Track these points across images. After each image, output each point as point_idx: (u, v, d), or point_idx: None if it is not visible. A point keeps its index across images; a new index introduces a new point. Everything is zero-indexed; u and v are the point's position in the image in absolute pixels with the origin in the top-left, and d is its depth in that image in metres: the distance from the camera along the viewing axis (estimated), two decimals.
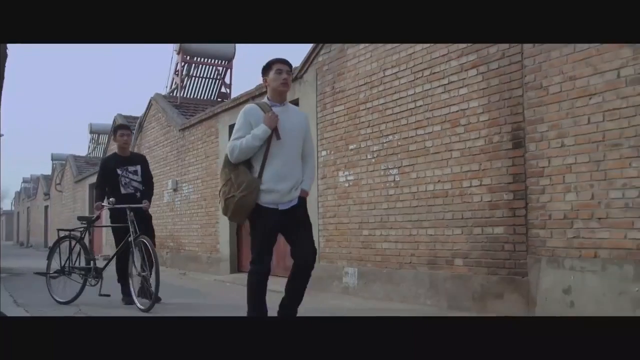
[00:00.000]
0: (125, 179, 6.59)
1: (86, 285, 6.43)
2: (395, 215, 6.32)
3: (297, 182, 4.09)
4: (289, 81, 4.09)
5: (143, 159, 6.95)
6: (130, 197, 6.50)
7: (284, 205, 4.00)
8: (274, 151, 3.98)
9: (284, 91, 4.11)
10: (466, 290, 5.47)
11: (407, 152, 6.19)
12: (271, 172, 3.98)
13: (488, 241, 5.28)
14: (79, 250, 6.62)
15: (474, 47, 5.46)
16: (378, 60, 6.65)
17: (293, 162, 4.08)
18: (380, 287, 6.50)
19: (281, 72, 4.04)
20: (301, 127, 4.16)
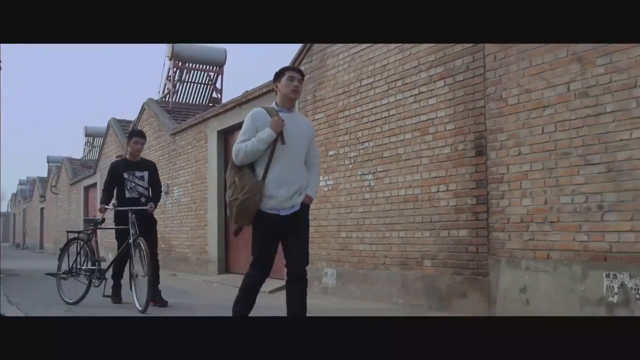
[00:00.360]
0: (131, 183, 6.68)
1: (91, 287, 6.53)
2: (371, 218, 6.64)
3: (300, 188, 4.08)
4: (299, 89, 4.11)
5: (152, 166, 7.02)
6: (134, 202, 6.60)
7: (285, 211, 3.99)
8: (277, 156, 3.97)
9: (294, 98, 4.11)
10: (434, 289, 5.79)
11: (381, 158, 6.51)
12: (274, 176, 3.97)
13: (453, 243, 5.60)
14: (86, 251, 6.74)
15: (442, 59, 5.78)
16: (355, 71, 6.97)
17: (296, 168, 4.07)
18: (356, 287, 6.81)
19: (293, 79, 4.05)
20: (306, 134, 4.16)
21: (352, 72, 7.03)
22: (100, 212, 6.63)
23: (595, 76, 4.44)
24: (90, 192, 19.92)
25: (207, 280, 9.94)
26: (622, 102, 4.26)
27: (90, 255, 6.73)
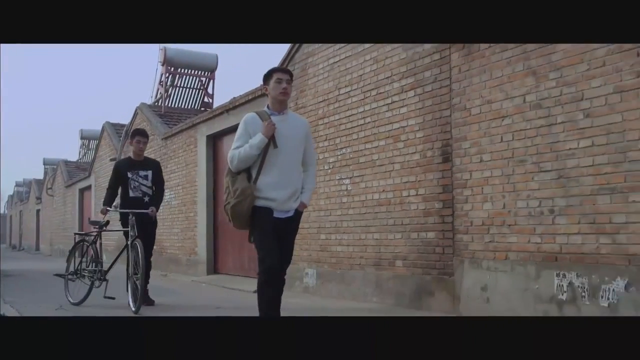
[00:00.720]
0: (134, 182, 6.72)
1: (93, 287, 6.63)
2: (348, 221, 6.96)
3: (296, 191, 4.08)
4: (288, 90, 4.08)
5: (156, 165, 7.04)
6: (138, 201, 6.66)
7: (278, 214, 4.00)
8: (272, 159, 3.97)
9: (284, 100, 4.09)
10: (405, 288, 6.11)
11: (358, 164, 6.83)
12: (268, 180, 3.97)
13: (422, 245, 5.92)
14: (91, 253, 6.82)
15: (412, 70, 6.11)
16: (334, 80, 7.29)
17: (291, 171, 4.06)
18: (334, 286, 7.13)
19: (281, 81, 4.03)
20: (301, 135, 4.13)
21: (331, 81, 7.35)
22: (101, 214, 6.70)
23: (547, 89, 4.77)
24: (86, 194, 20.19)
25: (195, 281, 10.24)
26: (571, 113, 4.59)
27: (94, 256, 6.79)
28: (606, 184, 4.32)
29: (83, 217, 20.32)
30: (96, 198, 17.81)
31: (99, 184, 17.70)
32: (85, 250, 6.91)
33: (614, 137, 4.29)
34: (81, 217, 20.46)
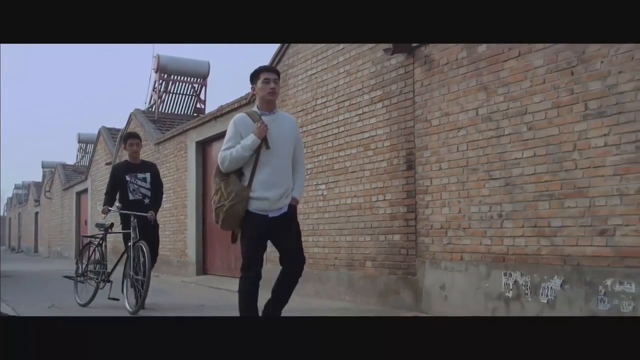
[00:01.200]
0: (133, 185, 6.75)
1: (98, 289, 6.76)
2: (323, 224, 7.38)
3: (288, 190, 4.11)
4: (276, 90, 4.08)
5: (154, 167, 7.11)
6: (138, 203, 6.70)
7: (273, 213, 4.03)
8: (264, 159, 3.99)
9: (272, 100, 4.10)
10: (374, 287, 6.53)
11: (333, 170, 7.25)
12: (261, 180, 3.99)
13: (389, 247, 6.34)
14: (97, 255, 6.96)
15: (381, 83, 6.53)
16: (312, 91, 7.72)
17: (283, 170, 4.09)
18: (312, 286, 7.54)
19: (269, 81, 4.03)
20: (291, 135, 4.18)
21: (309, 92, 7.78)
22: (102, 213, 6.83)
23: (496, 103, 5.19)
24: (82, 197, 20.61)
25: (185, 281, 10.66)
26: (516, 126, 5.01)
27: (100, 258, 6.93)
28: (545, 191, 4.75)
29: (80, 219, 20.74)
30: (92, 201, 18.23)
31: (95, 187, 18.12)
32: (92, 252, 7.04)
33: (552, 149, 4.71)
34: (78, 220, 20.88)
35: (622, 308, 4.16)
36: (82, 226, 20.19)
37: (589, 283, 4.39)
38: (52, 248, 24.70)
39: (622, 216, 4.21)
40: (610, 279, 4.25)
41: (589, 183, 4.43)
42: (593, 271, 4.37)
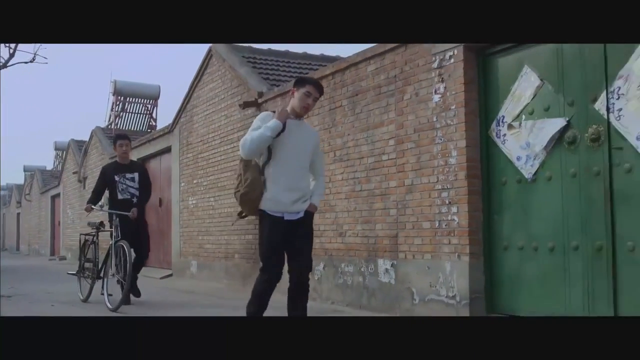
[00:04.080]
0: (122, 185, 6.92)
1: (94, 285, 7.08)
2: (212, 227, 10.01)
3: (304, 195, 4.10)
4: (310, 107, 4.14)
5: (142, 168, 7.33)
6: (127, 203, 6.86)
7: (289, 216, 4.02)
8: (282, 162, 4.00)
9: (301, 114, 4.15)
10: (239, 272, 9.16)
11: (218, 187, 9.88)
12: (276, 181, 3.99)
13: (247, 243, 8.97)
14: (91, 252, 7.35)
15: (243, 125, 9.13)
16: (206, 127, 10.34)
17: (299, 175, 4.08)
18: (207, 273, 10.18)
19: (309, 95, 4.06)
20: (311, 143, 4.19)
21: (204, 127, 10.41)
22: (85, 211, 7.14)
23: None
24: (56, 201, 23.13)
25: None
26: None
27: (92, 256, 7.20)
28: None
29: (54, 221, 23.27)
30: (64, 205, 20.76)
31: (65, 193, 20.66)
32: (87, 250, 7.39)
33: None
34: (53, 221, 23.40)
35: (347, 281, 6.80)
36: (56, 227, 22.72)
37: (335, 266, 7.03)
38: (32, 246, 27.27)
39: (349, 224, 6.85)
40: (343, 263, 6.90)
41: (335, 203, 7.07)
42: (336, 258, 7.01)
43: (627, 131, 4.26)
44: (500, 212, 5.22)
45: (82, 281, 7.40)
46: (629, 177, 4.26)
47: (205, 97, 10.41)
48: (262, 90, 8.69)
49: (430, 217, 5.58)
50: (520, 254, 5.02)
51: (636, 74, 4.22)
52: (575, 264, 4.58)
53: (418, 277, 5.69)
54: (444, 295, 5.39)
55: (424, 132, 5.68)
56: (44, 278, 11.69)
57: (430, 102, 5.61)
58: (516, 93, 5.08)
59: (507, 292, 5.15)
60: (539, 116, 4.88)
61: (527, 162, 4.96)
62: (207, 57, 10.36)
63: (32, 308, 6.72)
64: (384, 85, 6.21)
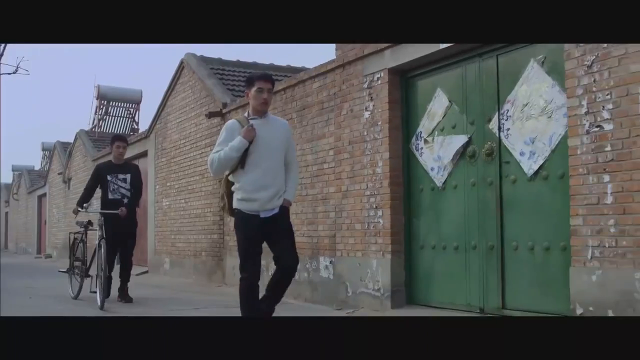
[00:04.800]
0: (113, 185, 7.00)
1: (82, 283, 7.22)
2: (183, 227, 10.72)
3: (279, 191, 4.13)
4: (268, 100, 4.16)
5: (135, 168, 7.31)
6: (118, 203, 6.94)
7: (265, 213, 4.07)
8: (254, 161, 4.03)
9: (263, 110, 4.16)
10: (205, 269, 9.87)
11: (188, 190, 10.59)
12: (251, 181, 4.04)
13: (212, 242, 9.69)
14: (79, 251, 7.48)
15: (209, 134, 9.84)
16: (179, 133, 11.04)
17: (274, 171, 4.11)
18: (178, 270, 10.89)
19: (262, 90, 4.08)
20: (282, 137, 4.21)
21: (178, 133, 11.11)
22: (73, 213, 7.32)
23: None
24: (43, 200, 23.75)
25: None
26: None
27: (80, 255, 7.33)
28: None
29: (41, 220, 23.88)
30: (50, 204, 21.39)
31: (51, 193, 21.29)
32: (76, 248, 7.52)
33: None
34: (39, 221, 24.02)
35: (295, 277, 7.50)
36: (42, 226, 23.34)
37: None
38: (19, 245, 27.87)
39: (296, 225, 7.55)
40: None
41: None
42: None
43: (512, 148, 5.01)
44: (417, 215, 5.96)
45: (73, 279, 7.52)
46: (514, 187, 5.01)
47: (178, 106, 11.12)
48: (226, 101, 9.40)
49: (361, 220, 6.31)
50: (433, 253, 5.77)
51: (520, 99, 4.97)
52: (474, 261, 5.33)
53: (351, 272, 6.42)
54: (371, 289, 6.13)
55: (357, 145, 6.41)
56: (26, 274, 12.36)
57: (362, 117, 6.35)
58: (431, 112, 5.82)
59: (423, 285, 5.89)
60: (447, 132, 5.63)
61: (438, 172, 5.70)
62: (179, 68, 11.07)
63: (10, 300, 7.37)
64: (326, 102, 6.94)
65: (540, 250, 4.77)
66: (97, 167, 7.40)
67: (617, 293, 4.02)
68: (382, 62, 6.12)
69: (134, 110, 19.08)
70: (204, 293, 8.53)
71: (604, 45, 4.16)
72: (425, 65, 5.83)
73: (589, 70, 4.26)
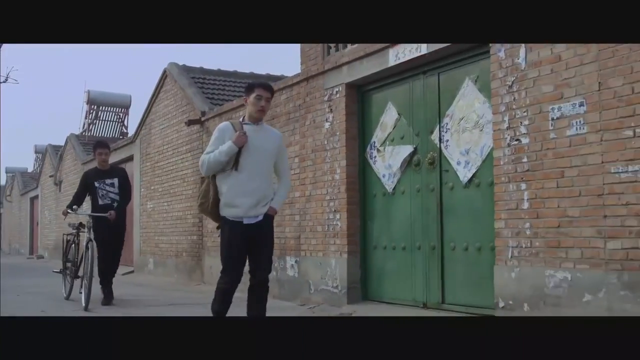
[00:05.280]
0: (102, 190, 7.11)
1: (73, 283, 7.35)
2: (166, 228, 11.22)
3: (264, 199, 4.14)
4: (266, 108, 4.20)
5: (122, 173, 7.46)
6: (108, 207, 7.05)
7: (248, 220, 4.07)
8: (241, 167, 4.04)
9: (259, 118, 4.21)
10: (185, 268, 10.37)
11: (170, 194, 11.09)
12: (233, 187, 4.06)
13: (192, 243, 10.19)
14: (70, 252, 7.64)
15: (189, 140, 10.34)
16: (162, 139, 11.54)
17: (259, 179, 4.12)
18: (161, 269, 11.38)
19: (260, 98, 4.13)
20: (272, 146, 4.24)
21: (161, 139, 11.61)
22: (62, 215, 7.47)
23: None
24: (35, 202, 24.19)
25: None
26: None
27: (71, 256, 7.48)
28: None
29: (33, 222, 24.32)
30: (42, 206, 21.85)
31: (43, 195, 21.74)
32: (68, 250, 7.68)
33: None
34: (32, 222, 24.46)
35: None
36: (35, 227, 23.79)
37: None
38: (12, 245, 28.30)
39: None
40: None
41: None
42: None
43: (451, 157, 5.53)
44: (371, 219, 6.48)
45: (65, 279, 7.66)
46: (451, 193, 5.54)
47: (161, 113, 11.62)
48: (205, 109, 9.91)
49: (322, 222, 6.83)
50: (384, 253, 6.29)
51: (457, 113, 5.50)
52: (418, 260, 5.85)
53: (313, 271, 6.93)
54: (331, 286, 6.64)
55: (319, 153, 6.93)
56: (17, 274, 12.83)
57: (323, 128, 6.87)
58: (383, 123, 6.34)
59: (376, 282, 6.41)
60: (396, 143, 6.15)
61: (389, 179, 6.22)
62: (162, 77, 11.58)
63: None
64: (292, 112, 7.45)
65: (473, 250, 5.30)
66: (85, 175, 7.51)
67: (531, 288, 4.55)
68: (340, 77, 6.64)
69: (124, 114, 19.55)
70: (184, 291, 9.02)
71: (522, 67, 4.69)
72: (378, 80, 6.35)
73: (510, 90, 4.79)
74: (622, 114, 4.03)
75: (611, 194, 4.07)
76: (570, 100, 4.35)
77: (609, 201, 4.09)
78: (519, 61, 4.72)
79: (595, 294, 4.13)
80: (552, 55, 4.48)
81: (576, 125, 4.30)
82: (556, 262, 4.39)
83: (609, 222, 4.09)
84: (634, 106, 3.97)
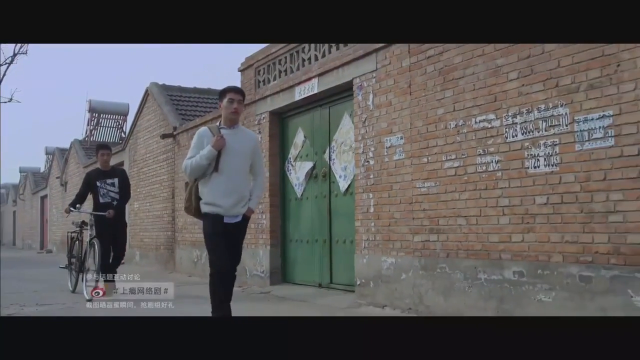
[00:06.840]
0: (103, 190, 7.45)
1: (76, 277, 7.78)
2: (150, 225, 13.06)
3: (243, 199, 4.36)
4: (239, 110, 4.36)
5: (122, 173, 7.83)
6: (108, 206, 7.39)
7: (228, 219, 4.29)
8: (220, 169, 4.23)
9: (234, 119, 4.38)
10: (162, 259, 12.19)
11: (152, 195, 12.92)
12: (215, 188, 4.25)
13: (167, 237, 12.00)
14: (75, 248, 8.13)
15: (166, 150, 12.14)
16: (146, 148, 13.37)
17: (238, 180, 4.32)
18: (145, 260, 13.23)
19: (233, 101, 4.28)
20: (249, 148, 4.43)
21: (144, 149, 13.44)
22: (65, 212, 7.75)
23: None
24: (45, 201, 26.22)
25: None
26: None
27: (76, 252, 7.92)
28: None
29: (43, 219, 26.35)
30: (50, 205, 23.83)
31: (52, 194, 23.73)
32: (72, 246, 8.17)
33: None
34: (42, 219, 26.49)
35: None
36: (44, 224, 25.81)
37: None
38: (25, 241, 30.42)
39: None
40: None
41: None
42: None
43: (336, 172, 7.27)
44: (288, 219, 8.25)
45: (71, 274, 8.06)
46: (336, 199, 7.28)
47: (145, 126, 13.45)
48: (176, 125, 11.71)
49: (254, 221, 8.58)
50: (296, 245, 8.05)
51: (340, 139, 7.23)
52: (317, 251, 7.60)
53: (249, 260, 8.70)
54: (259, 271, 8.42)
55: None
56: (24, 266, 14.75)
57: None
58: (295, 143, 8.10)
59: (291, 268, 8.18)
60: (303, 159, 7.90)
61: (298, 188, 7.98)
62: (145, 95, 13.39)
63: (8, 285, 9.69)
64: None
65: (348, 243, 7.04)
66: (87, 175, 7.80)
67: (374, 270, 6.28)
68: (265, 106, 8.40)
69: (122, 121, 21.44)
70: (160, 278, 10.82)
71: (371, 108, 6.40)
72: (292, 110, 8.11)
73: (364, 124, 6.51)
74: (422, 146, 5.75)
75: (416, 203, 5.79)
76: (396, 134, 6.06)
77: (415, 207, 5.80)
78: (369, 103, 6.44)
79: (408, 273, 5.86)
80: (387, 101, 6.19)
81: (398, 152, 6.02)
82: (387, 251, 6.12)
83: (415, 223, 5.80)
84: (428, 141, 5.68)
